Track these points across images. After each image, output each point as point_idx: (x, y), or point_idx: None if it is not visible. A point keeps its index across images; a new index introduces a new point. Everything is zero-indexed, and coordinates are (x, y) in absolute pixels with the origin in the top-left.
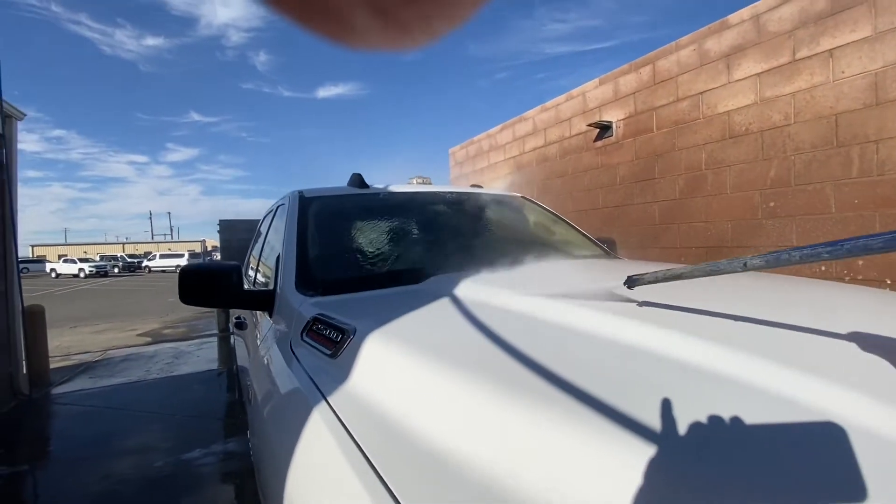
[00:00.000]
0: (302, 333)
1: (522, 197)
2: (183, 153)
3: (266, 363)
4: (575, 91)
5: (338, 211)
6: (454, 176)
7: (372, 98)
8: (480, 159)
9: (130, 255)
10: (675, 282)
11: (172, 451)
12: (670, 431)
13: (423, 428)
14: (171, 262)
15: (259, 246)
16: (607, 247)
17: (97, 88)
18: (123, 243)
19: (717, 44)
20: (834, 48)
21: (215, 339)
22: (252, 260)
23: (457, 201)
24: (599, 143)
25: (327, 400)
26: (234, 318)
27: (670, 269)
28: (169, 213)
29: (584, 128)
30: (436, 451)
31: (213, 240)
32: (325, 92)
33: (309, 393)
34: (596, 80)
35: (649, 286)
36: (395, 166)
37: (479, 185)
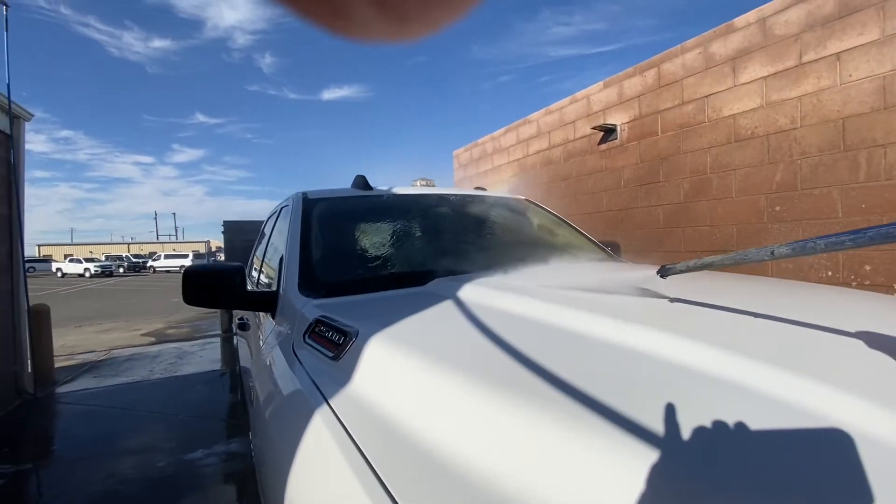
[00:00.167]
0: (304, 335)
1: (526, 200)
2: (188, 154)
3: (268, 364)
4: (579, 94)
5: (341, 213)
6: (458, 178)
7: (376, 100)
8: (484, 162)
9: (135, 256)
10: (675, 286)
11: (175, 452)
12: (674, 436)
13: (425, 431)
14: (176, 262)
15: (263, 247)
16: (611, 250)
17: (104, 90)
18: (129, 243)
19: (723, 47)
20: (841, 51)
21: (218, 339)
22: (255, 261)
23: (460, 204)
24: (604, 146)
25: (329, 402)
26: (237, 319)
27: (701, 260)
28: (174, 213)
29: (589, 131)
30: (437, 454)
31: (217, 240)
32: (330, 94)
33: (310, 395)
34: (600, 83)
35: (650, 291)
36: (398, 168)
37: (483, 188)
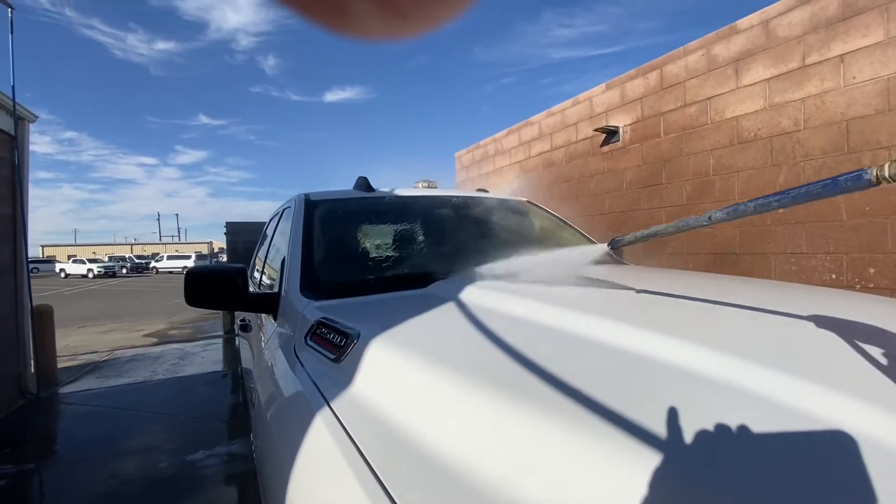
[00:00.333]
0: (306, 337)
1: (528, 201)
2: (191, 155)
3: (270, 366)
4: (581, 96)
5: (343, 214)
6: (460, 180)
7: (378, 102)
8: (486, 163)
9: (138, 256)
10: (676, 283)
11: (177, 452)
12: (672, 438)
13: (426, 434)
14: (179, 263)
15: (265, 248)
16: (614, 252)
17: (108, 91)
18: (132, 244)
19: (726, 49)
20: (845, 53)
21: (220, 340)
22: (258, 262)
23: (462, 205)
24: (606, 148)
25: (330, 405)
26: (239, 321)
27: (648, 230)
28: (177, 214)
29: (591, 133)
30: (437, 457)
31: (220, 241)
32: (333, 96)
33: (312, 397)
34: (603, 84)
35: (650, 295)
36: (400, 170)
37: (485, 190)
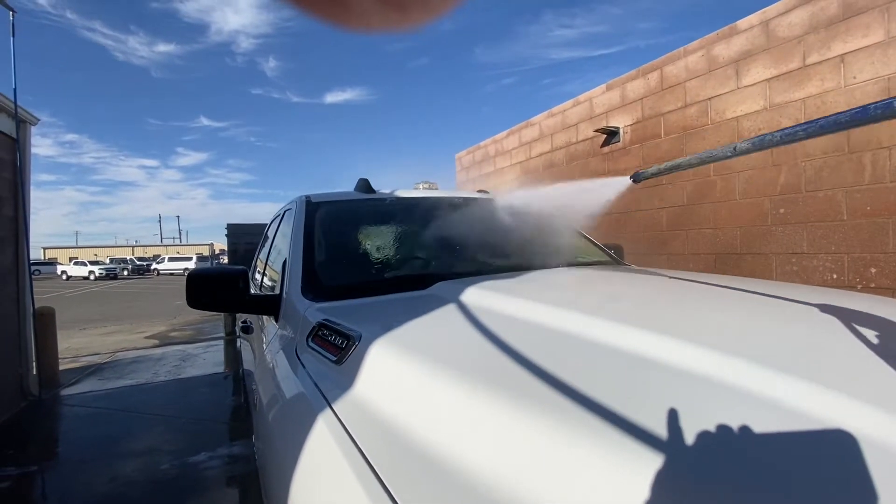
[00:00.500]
0: (307, 339)
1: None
2: (192, 157)
3: (271, 368)
4: (582, 96)
5: (344, 216)
6: (460, 181)
7: (379, 103)
8: (487, 164)
9: (140, 258)
10: (676, 284)
11: (179, 454)
12: (675, 439)
13: (428, 435)
14: (180, 265)
15: (266, 250)
16: (615, 253)
17: (110, 94)
18: (133, 246)
19: (726, 49)
20: (845, 53)
21: (221, 342)
22: (259, 264)
23: (463, 206)
24: (606, 149)
25: (332, 407)
26: (240, 322)
27: (670, 162)
28: (178, 216)
29: (591, 133)
30: (440, 459)
31: (221, 243)
32: (333, 97)
33: (314, 399)
34: (603, 85)
35: (652, 296)
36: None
37: (486, 191)
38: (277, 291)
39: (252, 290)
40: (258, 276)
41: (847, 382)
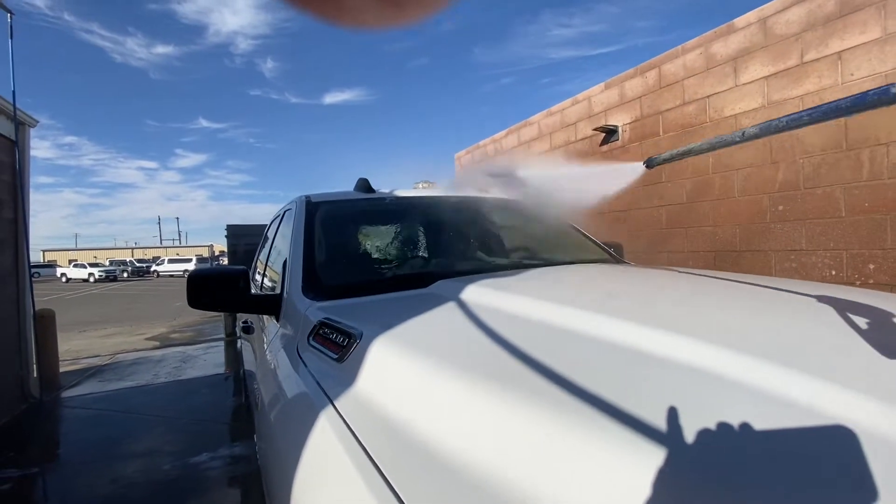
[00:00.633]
0: (308, 337)
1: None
2: (191, 159)
3: (273, 367)
4: (580, 95)
5: (344, 216)
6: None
7: (378, 103)
8: (485, 164)
9: (139, 260)
10: (677, 281)
11: (180, 455)
12: (678, 434)
13: (429, 431)
14: (179, 266)
15: (266, 251)
16: (614, 251)
17: (108, 96)
18: (132, 248)
19: (724, 47)
20: (843, 50)
21: (222, 343)
22: (259, 265)
23: (462, 206)
24: (605, 148)
25: (334, 404)
26: (241, 322)
27: (683, 147)
28: (177, 218)
29: (590, 132)
30: (442, 454)
31: (220, 245)
32: (332, 98)
33: (315, 397)
34: (601, 84)
35: (653, 292)
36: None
37: (484, 190)
38: (278, 291)
39: (252, 291)
40: (258, 277)
41: (852, 377)
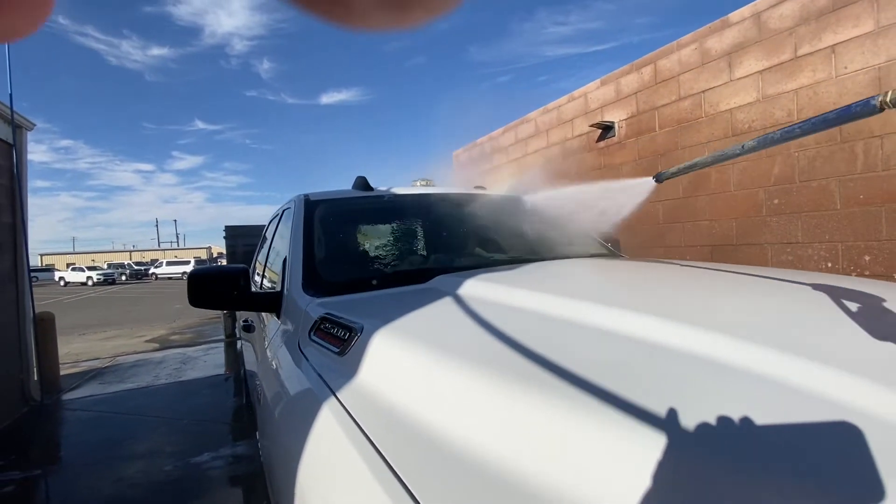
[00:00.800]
0: (310, 333)
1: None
2: (188, 161)
3: (275, 363)
4: (577, 92)
5: (343, 213)
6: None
7: (375, 103)
8: (483, 162)
9: (137, 263)
10: (677, 272)
11: (182, 455)
12: (685, 424)
13: (432, 421)
14: (178, 269)
15: (265, 250)
16: (611, 246)
17: (104, 98)
18: (130, 251)
19: (719, 42)
20: (836, 44)
21: (221, 344)
22: (258, 265)
23: (460, 202)
24: (602, 144)
25: (337, 396)
26: (241, 322)
27: (688, 162)
28: (175, 220)
29: (587, 128)
30: (447, 443)
31: (218, 246)
32: (329, 98)
33: (318, 390)
34: (597, 80)
35: (652, 284)
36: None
37: (483, 187)
38: (278, 289)
39: (252, 290)
40: (258, 278)
41: (852, 361)
